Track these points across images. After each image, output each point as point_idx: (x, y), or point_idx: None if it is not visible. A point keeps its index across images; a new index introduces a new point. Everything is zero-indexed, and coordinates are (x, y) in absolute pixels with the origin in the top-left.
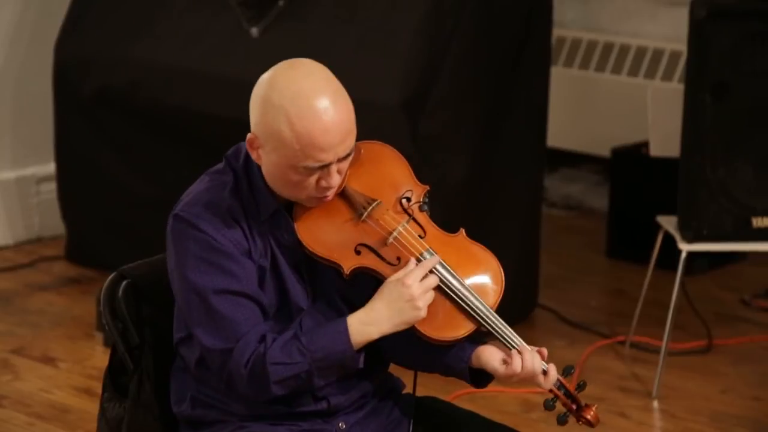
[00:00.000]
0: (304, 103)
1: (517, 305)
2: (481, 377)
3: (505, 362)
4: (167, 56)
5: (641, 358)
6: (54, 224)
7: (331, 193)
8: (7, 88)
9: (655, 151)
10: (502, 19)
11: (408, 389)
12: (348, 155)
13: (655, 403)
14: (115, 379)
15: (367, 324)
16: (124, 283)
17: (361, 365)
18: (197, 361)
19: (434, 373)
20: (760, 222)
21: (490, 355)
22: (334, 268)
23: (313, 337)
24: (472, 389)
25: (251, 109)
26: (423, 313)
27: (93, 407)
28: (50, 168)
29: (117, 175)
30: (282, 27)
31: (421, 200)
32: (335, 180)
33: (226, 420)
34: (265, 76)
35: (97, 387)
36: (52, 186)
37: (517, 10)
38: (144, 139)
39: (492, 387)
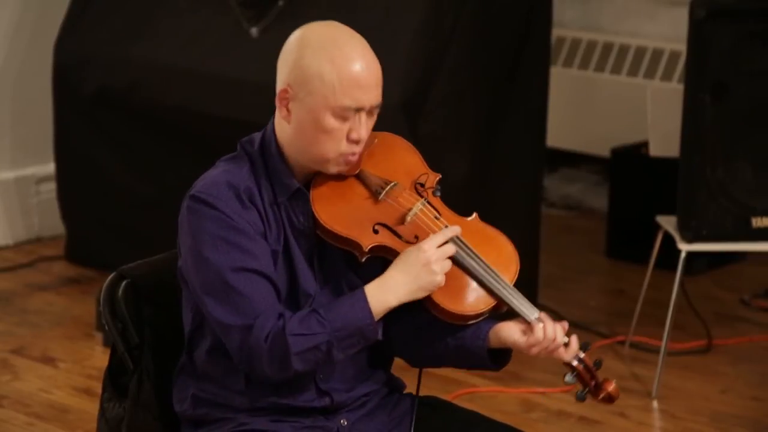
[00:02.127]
0: (345, 45)
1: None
2: (498, 358)
3: (525, 333)
4: (167, 56)
5: (641, 358)
6: (53, 224)
7: (357, 150)
8: (7, 88)
9: (654, 151)
10: (502, 19)
11: (410, 389)
12: (377, 106)
13: (655, 403)
14: (114, 379)
15: (385, 291)
16: (123, 283)
17: (380, 336)
18: (208, 350)
19: (447, 365)
20: (759, 222)
21: (509, 329)
22: (349, 251)
23: (331, 309)
24: (472, 389)
25: (281, 65)
26: (440, 278)
27: (93, 407)
28: (50, 168)
29: (117, 175)
30: (282, 27)
31: (435, 186)
32: (364, 131)
33: (228, 417)
34: (295, 34)
35: (97, 387)
36: (52, 186)
37: (516, 10)
38: (144, 139)
39: (492, 387)
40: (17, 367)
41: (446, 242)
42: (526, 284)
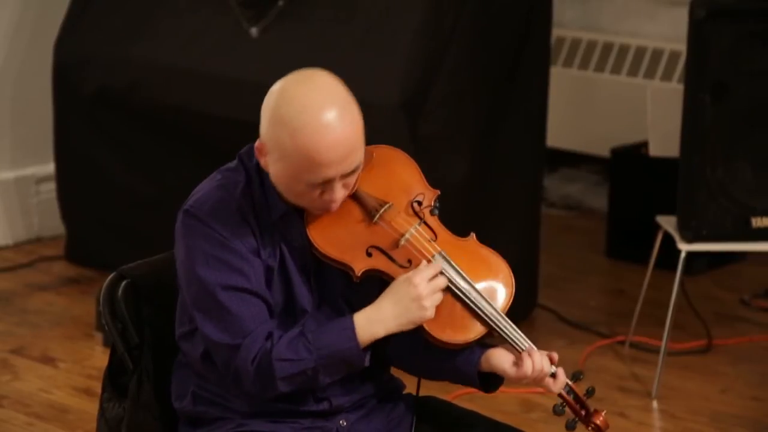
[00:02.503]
0: (309, 119)
1: (517, 305)
2: (489, 381)
3: (515, 364)
4: (167, 56)
5: (641, 358)
6: (53, 224)
7: (335, 206)
8: (7, 88)
9: (654, 151)
10: (502, 19)
11: (409, 389)
12: (353, 171)
13: (655, 403)
14: (114, 379)
15: (374, 322)
16: (123, 283)
17: (367, 363)
18: (202, 355)
19: (441, 380)
20: (759, 222)
21: (500, 357)
22: (344, 271)
23: (319, 335)
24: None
25: (261, 117)
26: (430, 313)
27: (92, 407)
28: (50, 168)
29: (116, 175)
30: (282, 27)
31: (432, 204)
32: (339, 195)
33: (226, 417)
34: (276, 86)
35: (97, 387)
36: (52, 186)
37: (516, 10)
38: (143, 139)
39: None
40: (17, 367)
41: (437, 275)
42: (526, 284)
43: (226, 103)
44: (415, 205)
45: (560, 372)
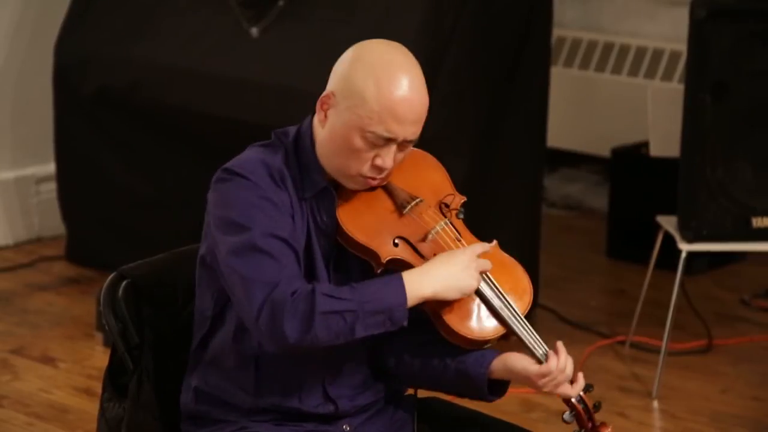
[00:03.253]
0: (396, 73)
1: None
2: (495, 388)
3: (536, 363)
4: (167, 56)
5: (641, 358)
6: (54, 224)
7: (379, 177)
8: (7, 88)
9: (654, 151)
10: (502, 19)
11: (411, 390)
12: (411, 141)
13: (655, 403)
14: (114, 379)
15: (423, 279)
16: (124, 283)
17: (406, 323)
18: (230, 336)
19: (442, 388)
20: (759, 222)
21: (518, 357)
22: (366, 261)
23: (366, 285)
24: None
25: (335, 70)
26: (475, 283)
27: (92, 407)
28: (50, 168)
29: (117, 175)
30: (282, 27)
31: (459, 208)
32: (390, 161)
33: (228, 420)
34: (358, 44)
35: (97, 387)
36: (52, 186)
37: (517, 10)
38: (144, 139)
39: None
40: (17, 367)
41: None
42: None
43: (226, 103)
44: (443, 206)
45: (580, 376)
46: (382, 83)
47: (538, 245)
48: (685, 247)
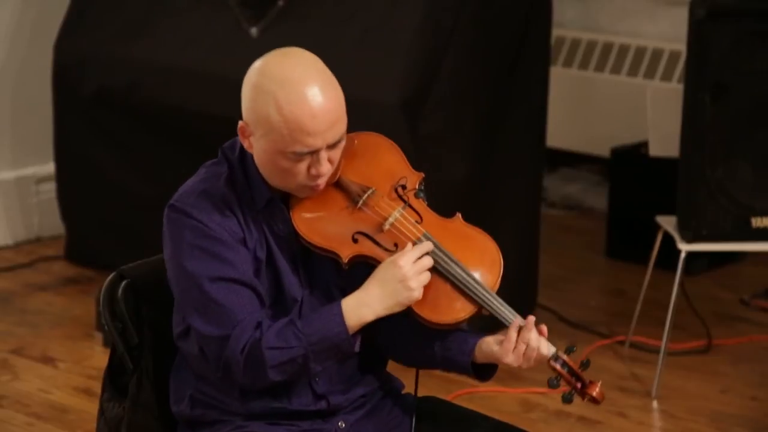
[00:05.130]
0: (293, 88)
1: (517, 305)
2: (484, 371)
3: (501, 343)
4: (166, 56)
5: (641, 358)
6: (53, 224)
7: (321, 182)
8: (7, 87)
9: (654, 151)
10: (502, 19)
11: (409, 389)
12: (337, 142)
13: (655, 403)
14: (114, 379)
15: (361, 306)
16: (123, 283)
17: (357, 349)
18: (199, 352)
19: (437, 369)
20: (759, 222)
21: (487, 342)
22: (332, 258)
23: (308, 322)
24: (472, 389)
25: (242, 97)
26: (416, 294)
27: (92, 407)
28: (50, 168)
29: (116, 175)
30: (281, 27)
31: (417, 187)
32: (325, 168)
33: (225, 420)
34: (255, 64)
35: (97, 387)
36: (52, 186)
37: (516, 10)
38: (143, 139)
39: (492, 387)
40: (17, 367)
41: (422, 256)
42: (526, 284)
43: (226, 103)
44: (399, 189)
45: (543, 338)
46: (282, 106)
47: (538, 245)
48: (684, 247)
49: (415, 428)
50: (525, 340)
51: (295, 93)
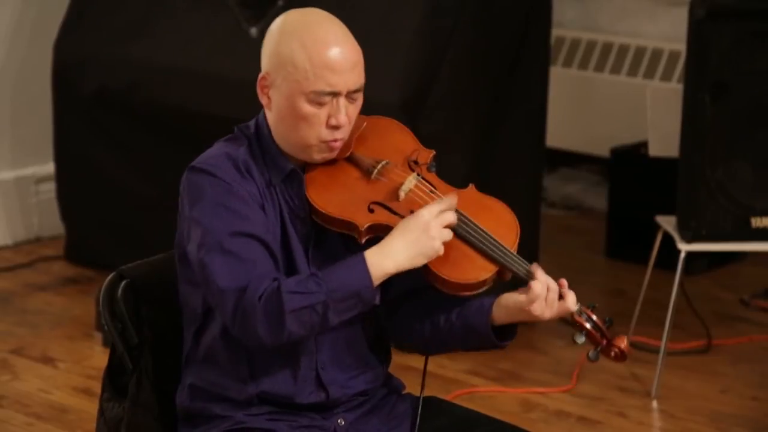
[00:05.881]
0: (318, 29)
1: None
2: (503, 335)
3: (525, 293)
4: (166, 56)
5: (640, 358)
6: (53, 224)
7: (339, 136)
8: (7, 87)
9: (654, 151)
10: (502, 19)
11: (409, 389)
12: (356, 91)
13: (654, 403)
14: (114, 379)
15: (384, 256)
16: (123, 283)
17: (377, 301)
18: (221, 332)
19: (455, 347)
20: (759, 222)
21: (509, 295)
22: (347, 235)
23: (329, 271)
24: (472, 389)
25: (263, 52)
26: (438, 243)
27: (92, 407)
28: (49, 168)
29: (116, 175)
30: None
31: (429, 162)
32: (343, 117)
33: (225, 416)
34: (275, 21)
35: (96, 387)
36: (51, 186)
37: (516, 10)
38: (143, 139)
39: (492, 387)
40: (17, 367)
41: (444, 211)
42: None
43: (226, 103)
44: (412, 163)
45: (568, 291)
46: (307, 42)
47: (538, 245)
48: (684, 247)
49: (418, 428)
50: (546, 285)
51: (320, 33)
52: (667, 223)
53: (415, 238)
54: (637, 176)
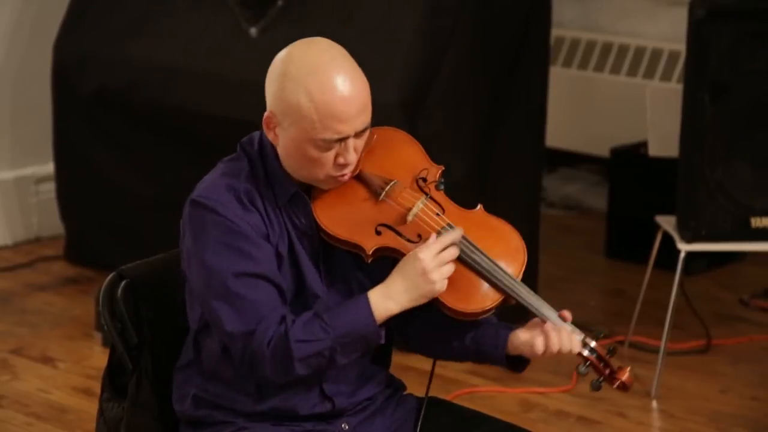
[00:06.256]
0: (323, 76)
1: (517, 305)
2: (517, 362)
3: (530, 331)
4: (166, 56)
5: (640, 358)
6: (53, 224)
7: (348, 171)
8: (6, 87)
9: (653, 151)
10: (502, 19)
11: (409, 389)
12: (364, 130)
13: (654, 403)
14: (113, 379)
15: (387, 298)
16: (122, 283)
17: (383, 340)
18: (223, 348)
19: (467, 361)
20: (758, 222)
21: (518, 335)
22: (355, 252)
23: (334, 315)
24: (472, 389)
25: (267, 88)
26: (439, 286)
27: (92, 407)
28: (49, 168)
29: (116, 175)
30: (281, 27)
31: (438, 179)
32: (352, 156)
33: (228, 421)
34: (281, 54)
35: (96, 387)
36: (51, 186)
37: (516, 10)
38: (143, 139)
39: (492, 387)
40: (16, 367)
41: (446, 248)
42: (526, 284)
43: (226, 103)
44: (420, 181)
45: (572, 331)
46: (313, 92)
47: (538, 245)
48: (684, 247)
49: (420, 429)
50: (565, 339)
51: (326, 80)
52: (667, 223)
53: (414, 283)
54: (637, 176)
